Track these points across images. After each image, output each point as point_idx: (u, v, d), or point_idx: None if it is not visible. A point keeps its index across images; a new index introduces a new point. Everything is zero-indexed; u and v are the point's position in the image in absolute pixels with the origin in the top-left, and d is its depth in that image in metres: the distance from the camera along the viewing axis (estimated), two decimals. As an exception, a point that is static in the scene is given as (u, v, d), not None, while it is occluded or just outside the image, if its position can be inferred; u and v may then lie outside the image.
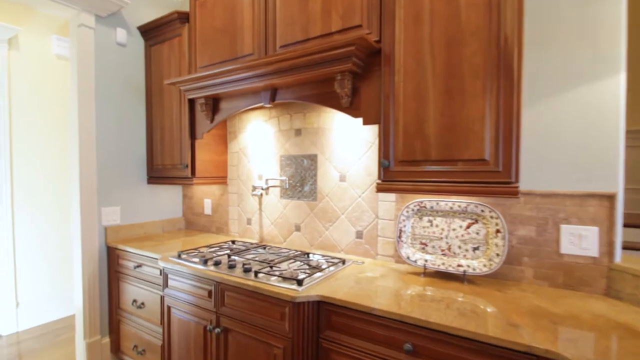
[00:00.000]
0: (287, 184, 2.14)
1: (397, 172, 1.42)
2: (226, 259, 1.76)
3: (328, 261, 1.70)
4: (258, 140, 2.28)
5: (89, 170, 2.17)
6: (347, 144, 1.90)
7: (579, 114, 1.32)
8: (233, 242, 2.17)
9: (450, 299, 1.25)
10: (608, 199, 1.28)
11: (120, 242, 2.22)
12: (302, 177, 2.08)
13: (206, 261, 1.68)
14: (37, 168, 2.96)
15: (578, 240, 1.34)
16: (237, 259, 1.73)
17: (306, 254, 1.85)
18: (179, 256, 1.80)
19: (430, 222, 1.55)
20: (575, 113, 1.33)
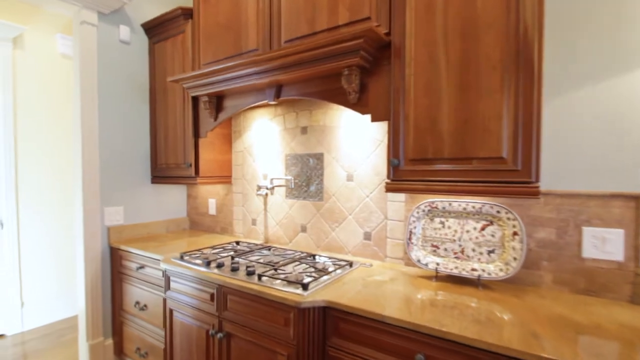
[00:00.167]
0: (292, 184, 2.08)
1: (408, 171, 1.35)
2: (229, 261, 1.70)
3: (335, 263, 1.64)
4: (263, 139, 2.23)
5: (92, 169, 2.14)
6: (355, 142, 1.83)
7: (606, 107, 1.23)
8: (237, 243, 2.11)
9: (464, 304, 1.18)
10: (635, 199, 1.20)
11: (123, 243, 2.18)
12: (308, 176, 2.02)
13: (209, 263, 1.63)
14: (46, 167, 2.95)
15: (601, 244, 1.25)
16: (240, 261, 1.68)
17: (312, 255, 1.79)
18: (182, 258, 1.75)
19: (442, 223, 1.48)
20: (601, 106, 1.24)
